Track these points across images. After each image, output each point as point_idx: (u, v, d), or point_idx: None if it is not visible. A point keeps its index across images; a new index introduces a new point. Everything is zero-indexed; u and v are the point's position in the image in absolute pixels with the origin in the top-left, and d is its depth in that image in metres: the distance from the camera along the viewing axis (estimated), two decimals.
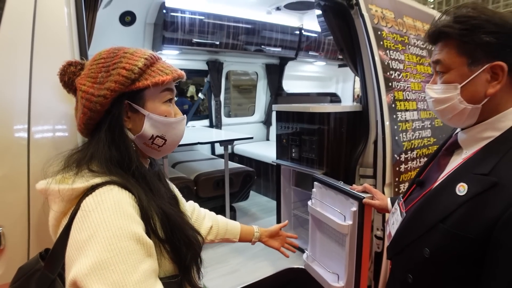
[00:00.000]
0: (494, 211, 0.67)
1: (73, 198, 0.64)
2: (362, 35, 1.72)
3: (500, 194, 0.68)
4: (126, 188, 0.65)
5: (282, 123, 2.42)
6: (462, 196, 0.74)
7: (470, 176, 0.75)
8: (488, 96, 0.76)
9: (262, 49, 3.59)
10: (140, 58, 0.72)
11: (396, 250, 0.93)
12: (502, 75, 0.73)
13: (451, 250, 0.75)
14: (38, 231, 0.92)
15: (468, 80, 0.76)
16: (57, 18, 0.99)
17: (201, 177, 2.69)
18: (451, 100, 0.79)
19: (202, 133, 3.33)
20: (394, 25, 1.86)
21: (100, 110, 0.70)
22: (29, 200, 0.90)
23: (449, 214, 0.75)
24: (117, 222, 0.59)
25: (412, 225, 0.87)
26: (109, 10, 2.56)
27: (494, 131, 0.77)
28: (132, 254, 0.58)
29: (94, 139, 0.72)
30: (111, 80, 0.68)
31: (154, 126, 0.75)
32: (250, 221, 2.99)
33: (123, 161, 0.70)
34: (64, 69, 0.74)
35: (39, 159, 0.92)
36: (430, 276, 0.81)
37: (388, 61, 1.75)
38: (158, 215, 0.69)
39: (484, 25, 0.73)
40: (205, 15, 3.07)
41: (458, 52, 0.76)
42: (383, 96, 1.67)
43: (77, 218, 0.61)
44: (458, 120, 0.82)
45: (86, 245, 0.57)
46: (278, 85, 4.29)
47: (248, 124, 4.43)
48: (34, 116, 0.91)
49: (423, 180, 0.94)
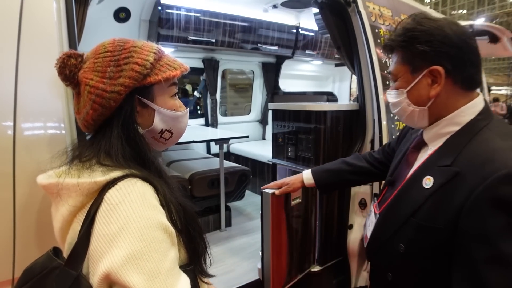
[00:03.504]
0: (458, 200, 0.72)
1: (93, 192, 0.63)
2: (359, 33, 1.70)
3: (463, 183, 0.73)
4: (147, 181, 0.66)
5: (278, 122, 2.39)
6: (428, 189, 0.80)
7: (434, 169, 0.81)
8: (432, 98, 0.83)
9: (259, 48, 3.56)
10: (149, 53, 0.71)
11: (373, 250, 0.97)
12: (441, 78, 0.80)
13: (424, 243, 0.79)
14: (25, 232, 0.89)
15: (411, 85, 0.84)
16: (45, 12, 0.96)
17: (196, 176, 2.66)
18: (401, 104, 0.87)
19: (197, 131, 3.29)
20: (392, 23, 1.85)
21: (113, 106, 0.68)
22: (14, 200, 0.87)
23: (418, 207, 0.80)
24: (146, 213, 0.60)
25: (386, 223, 0.92)
26: (103, 6, 2.52)
27: (455, 125, 0.83)
28: (162, 243, 0.60)
29: (104, 136, 0.70)
30: (124, 76, 0.67)
31: (163, 120, 0.76)
32: (246, 221, 2.97)
33: (137, 156, 0.71)
34: (64, 62, 0.69)
35: (26, 157, 0.89)
36: (408, 272, 0.85)
37: (386, 60, 1.73)
38: (175, 207, 0.70)
39: (418, 35, 0.81)
40: (201, 12, 3.03)
41: (402, 61, 0.85)
42: (380, 94, 1.66)
43: (102, 212, 0.60)
44: (411, 121, 0.90)
45: (118, 237, 0.57)
46: (274, 84, 4.26)
47: (244, 123, 4.40)
48: (20, 113, 0.88)
49: (393, 179, 0.99)
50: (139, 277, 0.56)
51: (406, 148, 1.00)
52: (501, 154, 0.71)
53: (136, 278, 0.55)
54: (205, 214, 2.73)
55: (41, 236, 0.92)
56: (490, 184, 0.68)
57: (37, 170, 0.89)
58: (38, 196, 0.91)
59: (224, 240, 2.58)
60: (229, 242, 2.54)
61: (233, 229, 2.80)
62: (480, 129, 0.80)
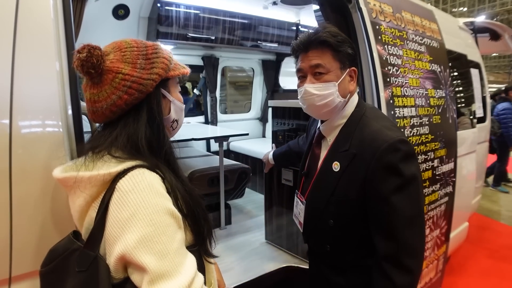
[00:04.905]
0: (361, 174, 0.95)
1: (107, 182, 0.70)
2: (360, 29, 1.68)
3: (360, 161, 0.96)
4: (154, 170, 0.72)
5: (278, 119, 2.38)
6: (338, 171, 1.01)
7: (338, 155, 1.02)
8: (350, 92, 1.05)
9: (259, 45, 3.54)
10: (169, 53, 0.84)
11: (309, 231, 1.15)
12: (355, 77, 1.06)
13: (346, 214, 1.01)
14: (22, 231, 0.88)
15: (341, 79, 1.02)
16: (42, 9, 0.95)
17: (196, 174, 2.65)
18: (332, 95, 1.01)
19: (197, 129, 3.28)
20: (393, 20, 1.83)
21: (148, 92, 0.76)
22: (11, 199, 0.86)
23: (334, 187, 1.01)
24: (154, 200, 0.67)
25: (313, 206, 1.10)
26: (102, 3, 2.50)
27: (342, 118, 1.06)
28: (169, 226, 0.68)
29: (128, 121, 0.76)
30: (158, 67, 0.77)
31: (175, 111, 0.87)
32: (246, 219, 2.97)
33: (157, 142, 0.78)
34: (90, 52, 0.72)
35: (22, 155, 0.87)
36: (341, 239, 1.05)
37: (386, 56, 1.71)
38: (181, 192, 0.77)
39: (345, 40, 1.02)
40: (201, 9, 3.01)
41: (334, 58, 1.01)
42: (381, 91, 1.64)
43: (115, 199, 0.67)
44: (331, 112, 1.05)
45: (130, 222, 0.65)
46: (274, 81, 4.25)
47: (244, 120, 4.39)
48: (16, 110, 0.87)
49: (307, 171, 1.18)
50: (151, 257, 0.63)
51: (309, 144, 1.21)
52: (380, 133, 0.96)
53: (148, 258, 0.63)
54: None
55: (38, 234, 0.91)
56: (378, 156, 0.92)
57: (34, 168, 0.89)
58: (35, 195, 0.90)
59: (224, 238, 2.57)
60: (229, 240, 2.53)
61: (233, 227, 2.80)
62: (360, 118, 1.03)
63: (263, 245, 2.44)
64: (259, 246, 2.43)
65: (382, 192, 0.93)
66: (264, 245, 2.44)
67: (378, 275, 0.95)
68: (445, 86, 2.13)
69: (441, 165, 2.02)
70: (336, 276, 1.09)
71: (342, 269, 1.08)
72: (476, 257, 3.18)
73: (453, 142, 2.17)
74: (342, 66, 1.02)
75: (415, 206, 0.95)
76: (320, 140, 1.14)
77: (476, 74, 2.97)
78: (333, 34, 1.00)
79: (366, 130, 0.99)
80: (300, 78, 1.08)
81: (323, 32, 1.01)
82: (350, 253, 1.06)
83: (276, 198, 2.44)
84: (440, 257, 2.18)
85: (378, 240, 0.96)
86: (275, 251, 2.34)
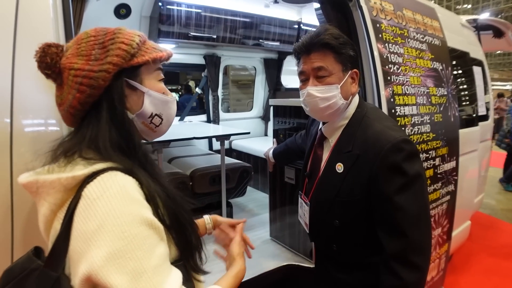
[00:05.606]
0: (364, 174, 0.96)
1: (72, 187, 0.60)
2: (360, 27, 1.68)
3: (364, 162, 0.96)
4: (129, 174, 0.63)
5: (279, 118, 2.38)
6: (341, 173, 1.01)
7: (341, 156, 1.02)
8: (352, 94, 1.06)
9: (260, 43, 3.54)
10: (134, 35, 0.71)
11: (315, 232, 1.16)
12: (357, 79, 1.06)
13: (351, 214, 1.01)
14: (23, 230, 0.89)
15: (343, 82, 1.02)
16: (41, 9, 0.95)
17: (197, 173, 2.66)
18: (335, 98, 1.01)
19: (199, 128, 3.29)
20: (394, 18, 1.82)
21: (102, 86, 0.66)
22: (12, 197, 0.87)
23: (339, 188, 1.01)
24: (126, 208, 0.57)
25: (318, 207, 1.11)
26: (104, 2, 2.51)
27: (344, 119, 1.06)
28: (146, 239, 0.57)
29: (90, 122, 0.67)
30: (111, 55, 0.66)
31: (153, 104, 0.74)
32: (247, 217, 2.97)
33: (124, 143, 0.68)
34: (44, 50, 0.66)
35: (23, 154, 0.88)
36: (347, 239, 1.06)
37: (387, 55, 1.71)
38: (162, 199, 0.67)
39: (347, 42, 1.03)
40: (202, 8, 3.02)
41: (336, 60, 1.01)
42: (382, 90, 1.64)
43: (80, 208, 0.57)
44: (333, 114, 1.05)
45: (96, 236, 0.54)
46: (276, 80, 4.25)
47: (246, 119, 4.39)
48: (17, 109, 0.88)
49: (310, 172, 1.18)
50: (122, 277, 0.53)
51: (311, 144, 1.21)
52: (382, 134, 0.96)
53: (118, 278, 0.53)
54: (207, 210, 2.73)
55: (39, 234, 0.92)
56: (382, 156, 0.92)
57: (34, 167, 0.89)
58: None
59: None
60: None
61: None
62: (362, 118, 1.03)
63: (265, 243, 2.44)
64: (260, 244, 2.43)
65: (387, 192, 0.93)
66: (266, 243, 2.44)
67: (386, 273, 0.96)
68: (447, 84, 2.12)
69: (442, 164, 2.02)
70: (342, 275, 1.10)
71: (348, 267, 1.09)
72: (479, 256, 3.16)
73: (455, 140, 2.16)
74: (344, 69, 1.02)
75: (421, 204, 0.95)
76: (322, 141, 1.14)
77: (479, 72, 2.95)
78: (335, 37, 1.00)
79: (369, 131, 0.99)
80: (302, 80, 1.08)
81: (325, 34, 1.00)
82: (356, 251, 1.07)
83: (280, 196, 2.45)
84: (442, 255, 2.18)
85: (385, 239, 0.96)
86: (278, 249, 2.34)
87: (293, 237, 2.29)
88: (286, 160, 1.94)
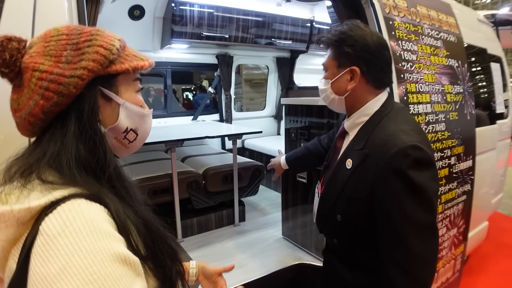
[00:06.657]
0: (370, 174, 0.93)
1: (26, 221, 0.50)
2: (373, 25, 1.66)
3: (371, 161, 0.95)
4: (96, 200, 0.53)
5: (291, 117, 2.38)
6: (350, 169, 1.01)
7: (353, 153, 1.02)
8: (348, 91, 1.04)
9: (273, 42, 3.54)
10: (114, 39, 0.63)
11: (321, 223, 1.17)
12: (357, 76, 1.02)
13: (353, 212, 1.01)
14: None
15: (335, 78, 1.05)
16: (57, 12, 0.98)
17: (210, 171, 2.69)
18: (326, 91, 1.09)
19: (211, 127, 3.32)
20: (407, 15, 1.79)
21: (73, 94, 0.56)
22: None
23: (345, 184, 1.01)
24: (95, 244, 0.47)
25: (325, 200, 1.12)
26: (118, 4, 2.56)
27: (365, 116, 1.05)
28: (121, 278, 0.48)
29: (54, 135, 0.57)
30: (87, 59, 0.57)
31: (129, 117, 0.65)
32: (259, 216, 2.98)
33: (96, 161, 0.58)
34: (3, 45, 0.56)
35: None
36: (347, 235, 1.07)
37: (400, 52, 1.68)
38: (138, 227, 0.58)
39: (346, 39, 1.01)
40: (214, 8, 3.04)
41: (332, 57, 1.05)
42: (395, 88, 1.62)
43: (38, 247, 0.47)
44: (332, 105, 1.11)
45: (59, 281, 0.44)
46: (289, 78, 4.24)
47: (259, 118, 4.40)
48: None
49: (328, 164, 1.20)
50: None
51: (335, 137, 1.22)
52: (393, 137, 0.93)
53: None
54: (219, 209, 2.75)
55: None
56: (387, 160, 0.90)
57: None
58: None
59: (238, 235, 2.59)
60: (243, 237, 2.56)
61: (247, 224, 2.82)
62: (382, 118, 1.01)
63: (277, 242, 2.45)
64: (273, 243, 2.44)
65: (388, 197, 0.92)
66: (278, 242, 2.45)
67: (384, 280, 0.94)
68: (463, 81, 2.07)
69: (458, 163, 1.97)
70: (344, 272, 1.10)
71: (350, 265, 1.09)
72: (496, 257, 3.08)
73: (471, 139, 2.11)
74: (338, 65, 1.04)
75: (424, 215, 0.91)
76: (343, 135, 1.15)
77: (497, 68, 2.87)
78: (333, 34, 1.04)
79: (381, 132, 0.98)
80: None
81: (328, 32, 1.07)
82: (356, 250, 1.06)
83: (292, 195, 2.45)
84: (457, 256, 2.14)
85: (383, 245, 0.95)
86: (290, 248, 2.35)
87: (305, 236, 2.29)
88: (303, 166, 1.83)
